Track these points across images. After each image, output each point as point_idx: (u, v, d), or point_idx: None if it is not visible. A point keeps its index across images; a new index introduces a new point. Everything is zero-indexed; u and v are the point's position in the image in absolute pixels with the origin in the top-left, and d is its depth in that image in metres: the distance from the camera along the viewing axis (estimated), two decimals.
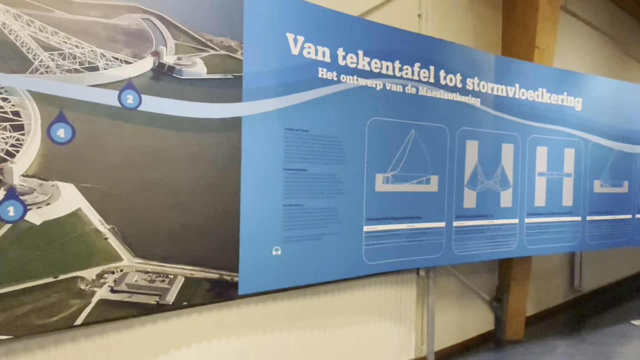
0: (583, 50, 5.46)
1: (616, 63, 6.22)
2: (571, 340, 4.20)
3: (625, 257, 6.49)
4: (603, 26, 5.82)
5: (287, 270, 2.31)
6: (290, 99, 2.27)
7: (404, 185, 2.80)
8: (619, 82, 4.11)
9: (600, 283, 5.95)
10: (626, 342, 4.19)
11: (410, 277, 3.25)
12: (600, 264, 5.88)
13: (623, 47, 6.35)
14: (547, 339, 4.21)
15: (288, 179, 2.29)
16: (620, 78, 6.19)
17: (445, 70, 2.96)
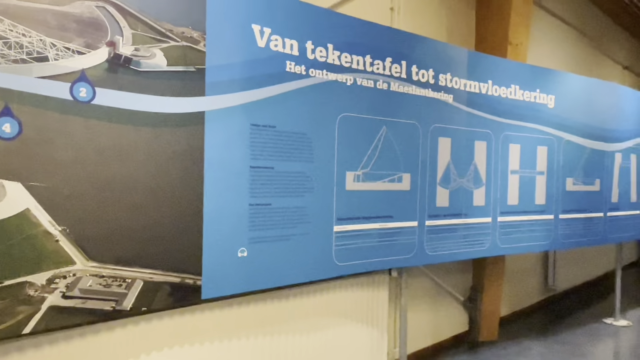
0: (557, 47, 5.62)
1: (590, 60, 6.43)
2: (545, 340, 4.32)
3: (598, 256, 6.72)
4: (577, 23, 6.00)
5: (253, 272, 2.30)
6: (256, 93, 2.26)
7: (375, 183, 2.82)
8: (591, 79, 4.24)
9: (574, 282, 6.14)
10: (599, 341, 4.34)
11: (382, 278, 3.28)
12: (574, 263, 6.08)
13: (596, 44, 6.56)
14: (522, 340, 4.31)
15: (254, 177, 2.27)
16: (594, 75, 6.40)
17: (418, 65, 2.99)
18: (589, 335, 4.47)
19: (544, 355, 3.95)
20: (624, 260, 7.83)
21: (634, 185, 4.78)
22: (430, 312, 3.91)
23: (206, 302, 2.25)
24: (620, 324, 4.83)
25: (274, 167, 2.35)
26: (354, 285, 3.09)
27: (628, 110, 4.68)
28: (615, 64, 7.26)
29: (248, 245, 2.26)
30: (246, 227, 2.25)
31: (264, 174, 2.31)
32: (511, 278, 4.90)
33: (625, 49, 7.62)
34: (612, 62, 7.16)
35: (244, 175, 2.23)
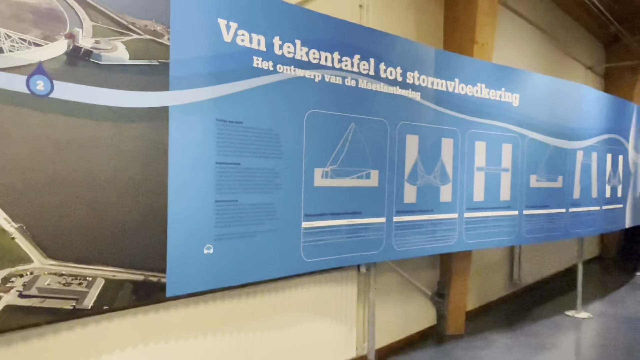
0: (522, 47, 5.75)
1: (554, 60, 6.60)
2: (510, 333, 4.42)
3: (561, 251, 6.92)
4: (541, 23, 6.15)
5: (220, 269, 2.28)
6: (222, 88, 2.23)
7: (343, 180, 2.83)
8: (554, 79, 4.36)
9: (538, 277, 6.31)
10: (561, 333, 4.48)
11: (351, 274, 3.30)
12: (538, 258, 6.24)
13: (561, 45, 6.74)
14: (487, 333, 4.41)
15: (220, 174, 2.25)
16: (558, 75, 6.58)
17: (386, 63, 3.02)
18: (552, 328, 4.60)
19: (509, 347, 4.04)
20: (587, 255, 8.10)
21: (595, 182, 4.94)
22: (399, 307, 3.95)
23: (171, 299, 2.23)
24: (582, 316, 4.99)
25: (240, 163, 2.33)
26: (322, 281, 3.10)
27: (590, 110, 4.83)
28: (578, 64, 7.47)
29: (214, 242, 2.24)
30: (212, 224, 2.23)
31: (230, 170, 2.28)
32: (478, 273, 5.00)
33: (588, 50, 7.85)
34: (576, 62, 7.38)
35: (210, 172, 2.21)
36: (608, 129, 5.16)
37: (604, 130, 5.08)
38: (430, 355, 3.85)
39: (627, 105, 5.73)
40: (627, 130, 5.69)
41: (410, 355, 3.82)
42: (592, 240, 8.48)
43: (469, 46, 3.90)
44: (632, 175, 5.95)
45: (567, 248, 7.04)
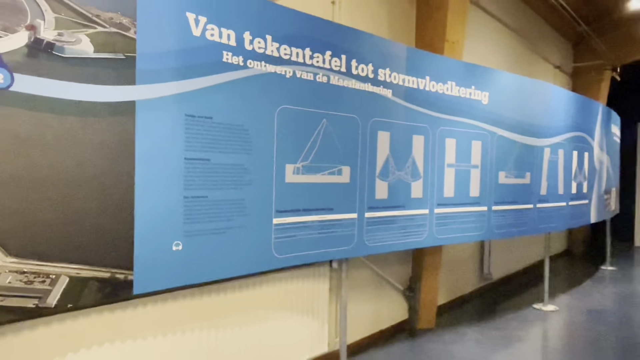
0: (492, 45, 5.85)
1: (523, 59, 6.73)
2: (480, 326, 4.51)
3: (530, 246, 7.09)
4: (512, 22, 6.26)
5: (189, 266, 2.25)
6: (191, 83, 2.21)
7: (315, 176, 2.84)
8: (523, 77, 4.45)
9: (508, 271, 6.45)
10: (529, 325, 4.59)
11: (323, 270, 3.31)
12: (508, 253, 6.38)
13: (530, 44, 6.88)
14: (458, 327, 4.49)
15: (189, 169, 2.22)
16: (527, 74, 6.71)
17: (357, 59, 3.03)
18: (520, 321, 4.72)
19: (479, 340, 4.13)
20: (554, 249, 8.31)
21: (561, 178, 5.08)
22: (371, 302, 3.99)
23: (138, 297, 2.19)
24: (549, 309, 5.12)
25: (210, 159, 2.30)
26: (294, 277, 3.10)
27: (557, 108, 4.95)
28: (547, 63, 7.64)
29: (183, 239, 2.21)
30: (181, 220, 2.20)
31: (199, 166, 2.26)
32: (449, 268, 5.08)
33: (557, 49, 8.04)
34: (545, 62, 7.54)
35: (178, 167, 2.18)
36: (574, 127, 5.30)
37: (571, 128, 5.22)
38: (402, 349, 3.90)
39: (593, 104, 5.89)
40: (592, 128, 5.86)
41: (382, 350, 3.86)
42: (560, 235, 8.71)
43: (440, 44, 3.95)
44: (597, 172, 6.13)
45: (536, 243, 7.22)
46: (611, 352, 3.92)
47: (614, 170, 7.25)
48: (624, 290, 6.13)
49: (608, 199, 6.87)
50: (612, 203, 7.27)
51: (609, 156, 6.75)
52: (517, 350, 3.90)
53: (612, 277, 6.88)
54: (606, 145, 6.50)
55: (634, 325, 4.64)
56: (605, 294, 5.91)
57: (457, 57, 4.11)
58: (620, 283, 6.52)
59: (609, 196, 6.91)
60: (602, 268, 7.54)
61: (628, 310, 5.16)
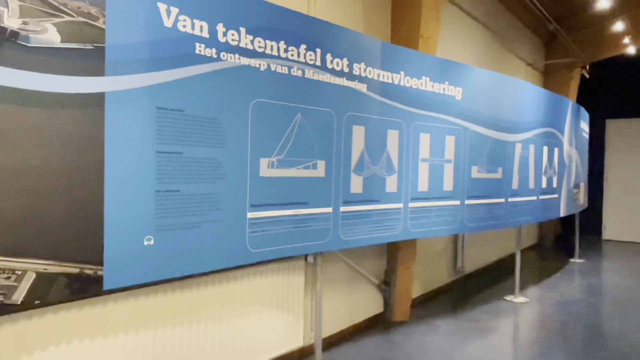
0: (466, 42, 5.92)
1: (496, 56, 6.84)
2: (452, 318, 4.59)
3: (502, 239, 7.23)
4: (485, 20, 6.35)
5: (161, 261, 2.22)
6: (162, 75, 2.16)
7: (290, 170, 2.82)
8: (496, 74, 4.52)
9: (480, 264, 6.57)
10: (500, 317, 4.69)
11: (298, 264, 3.31)
12: (480, 246, 6.50)
13: (503, 41, 6.99)
14: (431, 319, 4.55)
15: (161, 163, 2.18)
16: (500, 70, 6.82)
17: (332, 54, 3.02)
18: (492, 312, 4.81)
19: (452, 332, 4.19)
20: (525, 242, 8.50)
21: (532, 173, 5.19)
22: (346, 295, 4.01)
23: (109, 293, 2.15)
24: (519, 300, 5.24)
25: (182, 153, 2.27)
26: (269, 271, 3.09)
27: (529, 104, 5.05)
28: (519, 61, 7.78)
29: (155, 233, 2.18)
30: (152, 215, 2.16)
31: (171, 160, 2.22)
32: (423, 261, 5.15)
33: (529, 47, 8.19)
34: (517, 59, 7.68)
35: (150, 161, 2.14)
36: (545, 123, 5.41)
37: (541, 124, 5.33)
38: (376, 342, 3.93)
39: (563, 101, 6.03)
40: (562, 124, 6.00)
41: (357, 343, 3.89)
42: (531, 229, 8.91)
43: (414, 40, 3.98)
44: (566, 167, 6.29)
45: (508, 236, 7.37)
46: (579, 341, 4.03)
47: (583, 166, 7.44)
48: (591, 282, 6.32)
49: (577, 194, 7.05)
50: (581, 197, 7.47)
51: (578, 152, 6.92)
52: (489, 341, 3.98)
53: (580, 270, 7.07)
54: (575, 141, 6.67)
55: (601, 315, 4.78)
56: (574, 285, 6.08)
57: (431, 52, 4.14)
58: (588, 275, 6.72)
59: (577, 191, 7.09)
60: (571, 260, 7.75)
61: (595, 301, 5.32)
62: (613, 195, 10.16)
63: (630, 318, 4.72)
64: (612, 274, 6.85)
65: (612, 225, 10.14)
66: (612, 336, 4.18)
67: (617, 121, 10.09)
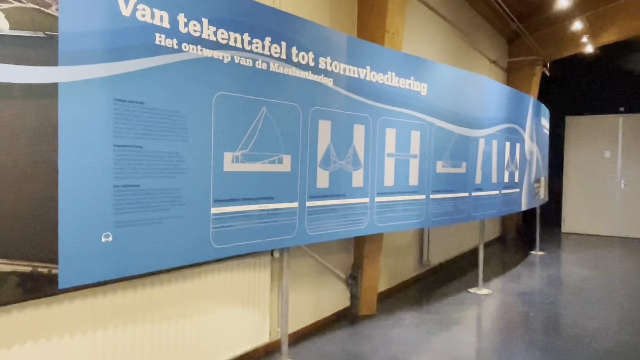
0: (431, 38, 5.98)
1: (461, 53, 6.94)
2: (418, 311, 4.65)
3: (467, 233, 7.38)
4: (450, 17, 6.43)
5: (120, 258, 2.15)
6: (120, 66, 2.09)
7: (255, 164, 2.79)
8: (460, 70, 4.58)
9: (445, 257, 6.68)
10: (463, 308, 4.78)
11: (264, 259, 3.28)
12: (445, 240, 6.61)
13: (468, 39, 7.11)
14: (397, 312, 4.60)
15: (120, 157, 2.11)
16: (464, 67, 6.93)
17: (298, 47, 2.99)
18: (456, 304, 4.90)
19: (417, 325, 4.25)
20: (489, 236, 8.70)
21: (495, 168, 5.30)
22: (313, 290, 4.00)
23: (64, 292, 2.07)
24: (483, 292, 5.36)
25: (142, 146, 2.20)
26: (234, 267, 3.05)
27: (492, 100, 5.15)
28: (484, 58, 7.94)
29: (113, 230, 2.11)
30: (111, 210, 2.09)
31: (131, 154, 2.15)
32: (389, 255, 5.19)
33: (493, 45, 8.36)
34: (482, 56, 7.82)
35: (107, 155, 2.06)
36: (507, 119, 5.54)
37: (504, 120, 5.45)
38: (343, 336, 3.94)
39: (525, 98, 6.18)
40: (524, 120, 6.15)
41: (324, 337, 3.89)
42: (494, 223, 9.12)
43: (380, 35, 3.99)
44: (527, 162, 6.46)
45: (471, 230, 7.52)
46: (540, 330, 4.15)
47: (543, 161, 7.67)
48: (551, 273, 6.52)
49: (538, 188, 7.26)
50: (542, 191, 7.70)
51: (539, 147, 7.12)
52: (453, 332, 4.05)
53: (541, 262, 7.29)
54: (536, 137, 6.85)
55: (560, 306, 4.94)
56: (535, 277, 6.26)
57: (396, 48, 4.17)
58: (548, 267, 6.93)
59: (538, 185, 7.30)
60: (532, 253, 7.99)
61: (554, 292, 5.49)
62: (572, 190, 10.51)
63: (587, 307, 4.89)
64: (571, 265, 7.09)
65: (571, 218, 10.50)
66: (570, 324, 4.33)
67: (576, 118, 10.43)
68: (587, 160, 10.32)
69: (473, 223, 7.40)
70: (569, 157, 10.51)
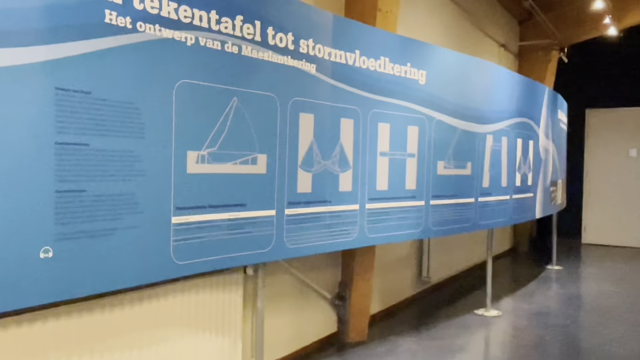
0: (431, 18, 6.04)
1: (465, 35, 7.02)
2: (417, 336, 4.67)
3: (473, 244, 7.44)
4: None
5: (63, 277, 2.12)
6: (63, 48, 2.06)
7: (224, 165, 2.78)
8: (465, 55, 4.64)
9: (448, 273, 6.74)
10: (469, 333, 4.82)
11: (235, 277, 3.26)
12: (448, 253, 6.66)
13: (473, 19, 7.19)
14: (392, 337, 4.62)
15: (62, 157, 2.08)
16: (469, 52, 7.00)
17: (275, 27, 2.99)
18: (460, 328, 4.94)
19: (414, 352, 4.27)
20: (499, 248, 8.79)
21: (505, 169, 5.36)
22: (294, 313, 3.99)
23: None
24: (491, 314, 5.41)
25: (89, 144, 2.18)
26: (200, 286, 3.03)
27: (501, 91, 5.21)
28: (491, 41, 8.03)
29: (54, 244, 2.08)
30: (51, 221, 2.06)
31: (76, 153, 2.13)
32: (383, 271, 5.21)
33: (502, 26, 8.47)
34: (489, 39, 7.92)
35: (47, 154, 2.03)
36: (519, 112, 5.61)
37: (515, 113, 5.52)
38: None
39: (539, 87, 6.28)
40: (538, 114, 6.24)
41: None
42: (505, 232, 9.23)
43: (371, 14, 4.01)
44: (542, 162, 6.54)
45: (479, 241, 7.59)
46: (556, 357, 4.20)
47: (561, 161, 7.78)
48: (570, 291, 6.61)
49: (554, 192, 7.37)
50: (559, 196, 7.81)
51: (555, 145, 7.23)
52: None
53: (558, 277, 7.40)
54: (552, 133, 6.96)
55: (580, 328, 5.01)
56: (551, 295, 6.35)
57: (390, 29, 4.19)
58: (566, 283, 7.03)
59: (555, 189, 7.41)
60: (548, 267, 8.09)
61: (574, 312, 5.57)
62: (593, 194, 10.65)
63: (612, 330, 4.97)
64: (593, 281, 7.20)
65: (593, 227, 10.64)
66: (593, 350, 4.39)
67: (597, 111, 10.58)
68: (610, 160, 10.47)
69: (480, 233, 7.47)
70: (589, 156, 10.66)
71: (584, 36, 8.99)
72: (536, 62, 9.10)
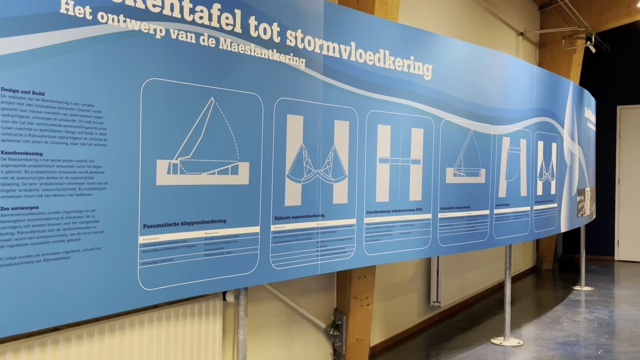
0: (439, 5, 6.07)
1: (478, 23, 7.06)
2: None
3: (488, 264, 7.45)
4: None
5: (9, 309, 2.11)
6: (11, 43, 2.07)
7: (200, 176, 2.79)
8: (477, 47, 4.66)
9: (461, 297, 6.73)
10: None
11: (213, 305, 3.27)
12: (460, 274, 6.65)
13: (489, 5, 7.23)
14: None
15: (9, 169, 2.08)
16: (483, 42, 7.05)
17: (258, 17, 3.01)
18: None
19: None
20: (519, 266, 8.81)
21: (524, 176, 5.38)
22: (282, 345, 3.99)
23: None
24: (510, 343, 5.41)
25: (42, 154, 2.18)
26: (172, 316, 3.03)
27: (519, 87, 5.24)
28: (508, 29, 8.09)
29: None
30: None
31: (26, 164, 2.13)
32: (385, 295, 5.21)
33: (520, 12, 8.53)
34: (505, 26, 7.97)
35: None
36: (540, 111, 5.64)
37: (536, 112, 5.55)
38: None
39: (563, 82, 6.31)
40: (561, 112, 6.27)
41: None
42: (526, 249, 9.25)
43: (369, 0, 4.03)
44: (567, 167, 6.57)
45: (496, 259, 7.60)
46: None
47: (589, 166, 7.82)
48: (601, 316, 6.63)
49: (582, 202, 7.40)
50: (587, 207, 7.84)
51: (582, 147, 7.27)
52: None
53: (588, 300, 7.41)
54: (579, 134, 6.99)
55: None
56: (580, 321, 6.35)
57: (391, 17, 4.22)
58: (597, 307, 7.04)
59: (582, 198, 7.44)
60: (576, 289, 8.11)
61: (606, 341, 5.57)
62: (628, 204, 10.68)
63: None
64: (627, 305, 7.22)
65: (628, 241, 10.67)
66: None
67: (631, 108, 10.64)
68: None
69: (497, 250, 7.50)
70: (622, 160, 10.70)
71: (615, 22, 9.04)
72: (560, 53, 9.16)
